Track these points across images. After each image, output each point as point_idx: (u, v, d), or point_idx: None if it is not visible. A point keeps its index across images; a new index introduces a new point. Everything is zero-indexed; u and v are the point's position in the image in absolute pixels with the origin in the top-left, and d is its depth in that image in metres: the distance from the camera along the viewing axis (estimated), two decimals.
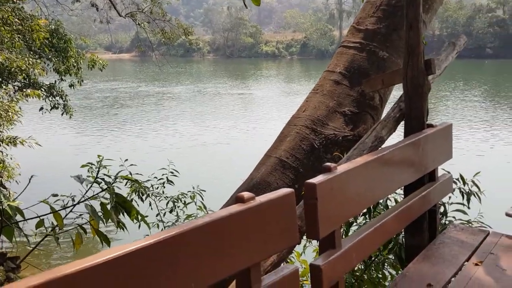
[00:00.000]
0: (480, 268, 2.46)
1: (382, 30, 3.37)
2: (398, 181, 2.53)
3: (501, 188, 8.20)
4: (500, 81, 31.63)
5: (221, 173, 11.71)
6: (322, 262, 1.84)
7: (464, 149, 13.25)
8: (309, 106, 3.44)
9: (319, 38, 63.61)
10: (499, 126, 16.54)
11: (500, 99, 23.28)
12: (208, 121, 19.93)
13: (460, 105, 21.43)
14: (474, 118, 18.20)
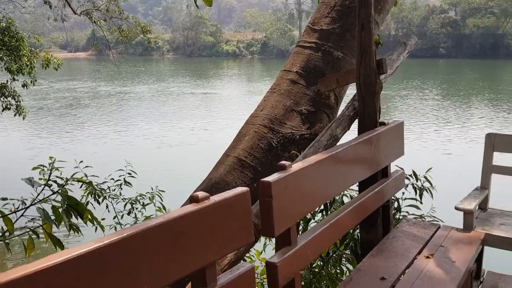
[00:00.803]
0: (431, 261, 2.56)
1: (337, 30, 3.44)
2: (352, 178, 2.59)
3: (454, 183, 8.53)
4: (456, 80, 32.85)
5: (184, 173, 11.62)
6: (278, 259, 1.86)
7: (423, 145, 13.70)
8: (266, 105, 3.46)
9: (279, 38, 64.10)
10: (458, 124, 17.19)
11: (460, 97, 24.15)
12: (172, 121, 19.70)
13: (422, 104, 22.10)
14: (434, 116, 18.83)
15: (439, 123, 17.22)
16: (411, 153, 12.34)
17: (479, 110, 20.10)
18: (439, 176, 9.12)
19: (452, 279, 2.34)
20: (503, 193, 8.06)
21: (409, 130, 15.52)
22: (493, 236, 2.95)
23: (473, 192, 3.28)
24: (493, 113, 19.26)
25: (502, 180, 3.83)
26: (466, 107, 20.88)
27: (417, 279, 2.34)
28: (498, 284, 3.32)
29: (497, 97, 23.59)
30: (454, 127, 16.32)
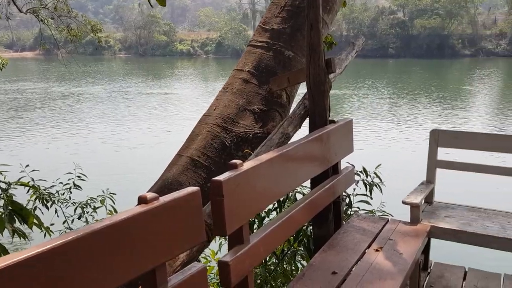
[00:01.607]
0: (380, 254, 2.64)
1: (287, 30, 3.48)
2: (303, 175, 2.63)
3: (404, 178, 8.83)
4: (406, 78, 33.98)
5: (142, 175, 11.38)
6: (230, 258, 1.86)
7: (376, 142, 14.09)
8: (219, 105, 3.46)
9: (234, 37, 64.10)
10: (408, 121, 17.78)
11: (410, 95, 24.94)
12: (130, 123, 19.23)
13: (375, 102, 22.70)
14: (386, 113, 19.40)
15: (391, 121, 17.77)
16: (364, 150, 12.69)
17: (429, 107, 20.90)
18: (390, 171, 9.41)
19: (400, 271, 2.43)
20: (448, 186, 8.43)
21: (363, 128, 15.95)
22: (438, 228, 3.08)
23: (419, 187, 3.41)
24: (441, 109, 20.08)
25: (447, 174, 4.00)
26: (416, 105, 21.65)
27: (367, 272, 2.41)
28: (444, 274, 3.47)
29: (445, 95, 24.61)
30: (405, 124, 16.88)
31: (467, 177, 6.99)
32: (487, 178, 6.87)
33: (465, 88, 27.40)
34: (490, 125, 16.48)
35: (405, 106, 21.19)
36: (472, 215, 3.26)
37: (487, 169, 3.42)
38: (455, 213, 3.32)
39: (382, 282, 2.31)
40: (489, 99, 23.70)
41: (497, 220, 3.18)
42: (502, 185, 8.54)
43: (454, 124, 16.78)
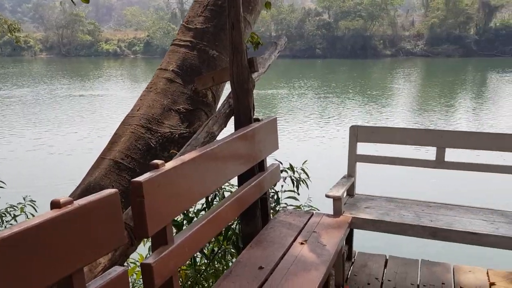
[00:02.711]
0: (305, 246, 2.72)
1: (211, 29, 3.49)
2: (229, 173, 2.65)
3: (331, 173, 9.15)
4: (333, 78, 35.14)
5: (72, 181, 10.81)
6: (153, 260, 1.84)
7: (305, 139, 14.45)
8: (143, 105, 3.39)
9: (163, 37, 62.90)
10: (336, 118, 18.42)
11: (348, 94, 25.76)
12: (61, 126, 18.18)
13: (304, 100, 23.24)
14: (314, 111, 19.95)
15: (320, 118, 18.33)
16: (296, 147, 13.00)
17: (362, 105, 21.78)
18: (320, 167, 9.70)
19: (323, 261, 2.52)
20: (368, 179, 8.86)
21: (298, 125, 16.31)
22: (359, 219, 3.24)
23: (341, 180, 3.56)
24: (372, 107, 21.00)
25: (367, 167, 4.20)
26: (349, 102, 22.47)
27: (292, 264, 2.48)
28: (367, 263, 3.65)
29: (376, 93, 25.76)
30: (337, 121, 17.48)
31: (389, 170, 7.40)
32: (406, 170, 7.30)
33: (393, 86, 28.87)
34: (412, 120, 17.49)
35: (338, 104, 21.92)
36: (390, 206, 3.46)
37: (403, 162, 3.64)
38: (375, 204, 3.50)
39: (307, 273, 2.39)
40: (412, 96, 25.16)
41: (412, 209, 3.39)
42: (417, 175, 9.12)
43: (382, 119, 17.62)
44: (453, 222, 3.13)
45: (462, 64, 43.32)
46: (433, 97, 24.10)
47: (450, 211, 3.34)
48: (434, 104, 21.83)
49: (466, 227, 3.05)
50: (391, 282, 3.34)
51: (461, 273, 3.46)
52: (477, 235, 2.96)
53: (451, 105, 21.36)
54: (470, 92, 25.64)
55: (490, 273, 3.47)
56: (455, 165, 3.47)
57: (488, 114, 18.39)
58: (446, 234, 3.03)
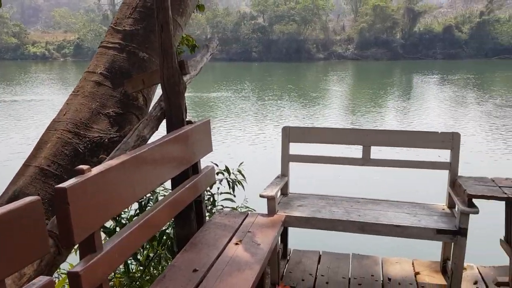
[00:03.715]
0: (239, 246, 2.75)
1: (140, 31, 3.43)
2: (162, 176, 2.62)
3: (269, 173, 9.29)
4: (270, 80, 35.59)
5: None
6: (80, 268, 1.78)
7: (246, 141, 14.53)
8: (70, 109, 3.26)
9: (94, 39, 60.61)
10: (274, 120, 18.66)
11: (290, 97, 26.08)
12: None
13: (244, 103, 23.33)
14: (254, 113, 20.08)
15: (260, 120, 18.50)
16: (233, 149, 13.03)
17: (298, 106, 22.22)
18: (256, 168, 9.78)
19: (257, 260, 2.56)
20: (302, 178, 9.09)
21: (233, 128, 16.35)
22: (292, 217, 3.32)
23: (275, 180, 3.63)
24: (308, 108, 21.48)
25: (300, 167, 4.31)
26: (284, 104, 22.83)
27: (227, 265, 2.50)
28: (301, 259, 3.74)
29: (316, 95, 26.38)
30: (272, 123, 17.71)
31: (327, 168, 7.61)
32: (337, 168, 7.54)
33: (331, 89, 29.72)
34: (348, 120, 18.11)
35: (280, 106, 22.21)
36: (321, 203, 3.57)
37: (333, 160, 3.77)
38: (307, 202, 3.60)
39: (241, 273, 2.41)
40: (347, 97, 26.04)
41: (342, 205, 3.53)
42: (347, 173, 9.48)
43: (321, 120, 18.08)
44: (379, 216, 3.29)
45: (390, 67, 45.54)
46: (366, 98, 25.14)
47: (377, 206, 3.51)
48: (367, 104, 22.78)
49: (391, 220, 3.21)
50: (324, 277, 3.46)
51: (389, 265, 3.65)
52: (401, 227, 3.13)
53: (382, 105, 22.39)
54: (398, 93, 27.00)
55: (415, 263, 3.68)
56: (379, 162, 3.66)
57: (415, 113, 19.45)
58: (373, 227, 3.18)
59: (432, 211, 3.41)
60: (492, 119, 17.42)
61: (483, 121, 17.20)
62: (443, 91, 26.78)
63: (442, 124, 16.42)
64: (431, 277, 3.44)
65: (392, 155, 3.92)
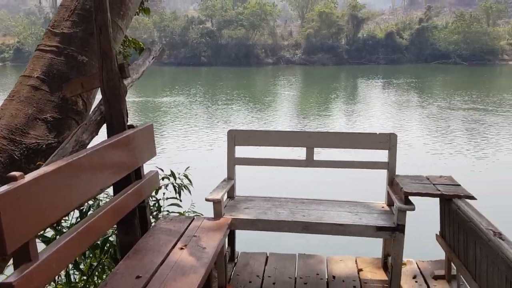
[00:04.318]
0: (184, 251, 2.73)
1: (79, 34, 3.33)
2: (102, 182, 2.56)
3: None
4: (221, 84, 35.53)
5: None
6: (14, 279, 1.71)
7: (199, 145, 14.40)
8: (4, 115, 3.12)
9: (36, 43, 58.09)
10: (223, 124, 18.63)
11: (244, 101, 26.08)
12: None
13: (192, 108, 23.11)
14: (203, 117, 19.97)
15: (211, 124, 18.42)
16: (182, 154, 12.90)
17: (245, 109, 22.31)
18: (205, 171, 9.72)
19: (202, 264, 2.55)
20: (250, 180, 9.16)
21: (184, 132, 16.18)
22: (238, 219, 3.33)
23: (221, 184, 3.64)
24: (261, 112, 21.61)
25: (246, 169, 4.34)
26: (237, 108, 22.87)
27: (171, 270, 2.47)
28: (249, 262, 3.77)
29: (259, 98, 26.60)
30: (222, 127, 17.69)
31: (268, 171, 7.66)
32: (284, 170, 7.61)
33: (283, 93, 30.06)
34: (299, 124, 18.40)
35: (235, 110, 22.20)
36: (267, 205, 3.62)
37: (278, 162, 3.83)
38: (253, 204, 3.63)
39: (186, 277, 2.40)
40: (297, 101, 26.45)
41: (287, 206, 3.58)
42: (293, 175, 9.64)
43: (273, 123, 18.25)
44: (323, 215, 3.37)
45: (336, 72, 46.78)
46: (316, 102, 25.68)
47: (321, 205, 3.59)
48: (318, 108, 23.27)
49: (334, 219, 3.30)
50: (271, 278, 3.50)
51: (333, 263, 3.74)
52: (343, 226, 3.23)
53: (331, 108, 22.95)
54: (346, 97, 27.78)
55: (359, 260, 3.80)
56: (322, 163, 3.75)
57: (362, 116, 20.07)
58: (316, 227, 3.25)
59: (372, 209, 3.53)
60: (434, 121, 18.30)
61: (426, 122, 18.03)
62: (389, 94, 27.84)
63: (391, 126, 17.04)
64: (373, 273, 3.56)
65: (339, 156, 4.02)
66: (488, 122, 17.89)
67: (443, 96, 26.16)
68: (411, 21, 64.25)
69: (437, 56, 55.56)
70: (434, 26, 59.09)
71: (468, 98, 24.76)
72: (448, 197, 3.09)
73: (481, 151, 13.29)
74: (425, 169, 9.69)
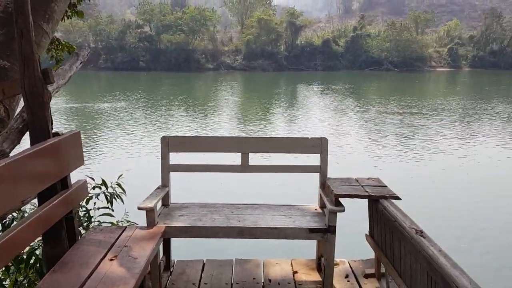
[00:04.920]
0: (114, 262, 2.65)
1: (1, 38, 3.16)
2: (25, 193, 2.43)
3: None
4: (170, 90, 34.91)
5: None
6: None
7: (131, 153, 14.02)
8: None
9: None
10: (151, 130, 18.28)
11: (188, 106, 25.69)
12: None
13: (128, 114, 22.52)
14: (132, 124, 19.51)
15: (150, 130, 18.03)
16: (120, 161, 12.53)
17: (186, 115, 22.05)
18: (141, 179, 9.50)
19: (133, 275, 2.48)
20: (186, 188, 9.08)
21: (127, 139, 15.71)
22: (172, 227, 3.28)
23: (155, 191, 3.57)
24: (208, 117, 21.43)
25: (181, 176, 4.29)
26: (179, 114, 22.54)
27: (100, 283, 2.39)
28: (185, 270, 3.72)
29: (210, 104, 26.39)
30: (162, 133, 17.39)
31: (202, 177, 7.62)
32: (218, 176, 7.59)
33: (229, 98, 30.00)
34: (245, 128, 18.44)
35: (177, 116, 21.82)
36: (203, 211, 3.59)
37: (213, 168, 3.82)
38: (189, 211, 3.59)
39: None
40: (241, 107, 26.50)
41: (223, 212, 3.58)
42: (230, 181, 9.68)
43: (217, 129, 18.15)
44: (257, 220, 3.40)
45: (276, 78, 47.53)
46: (257, 107, 25.89)
47: (256, 210, 3.62)
48: (259, 113, 23.48)
49: (268, 223, 3.34)
50: (207, 285, 3.48)
51: (269, 267, 3.78)
52: (278, 229, 3.27)
53: (272, 113, 23.24)
54: (287, 102, 28.26)
55: (294, 263, 3.87)
56: (257, 168, 3.79)
57: (302, 120, 20.49)
58: (251, 231, 3.27)
59: (305, 212, 3.61)
60: (371, 125, 19.03)
61: (364, 126, 18.72)
62: (328, 100, 28.64)
63: (330, 131, 17.52)
64: (307, 275, 3.63)
65: (277, 160, 4.07)
66: (421, 125, 18.87)
67: (379, 101, 27.31)
68: (346, 29, 66.76)
69: (370, 63, 58.04)
70: (368, 34, 61.72)
71: (404, 103, 26.03)
72: (375, 198, 3.23)
73: (413, 153, 13.99)
74: (360, 172, 10.06)
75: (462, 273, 2.07)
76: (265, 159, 9.55)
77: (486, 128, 18.01)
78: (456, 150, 14.25)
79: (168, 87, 37.63)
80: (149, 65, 56.38)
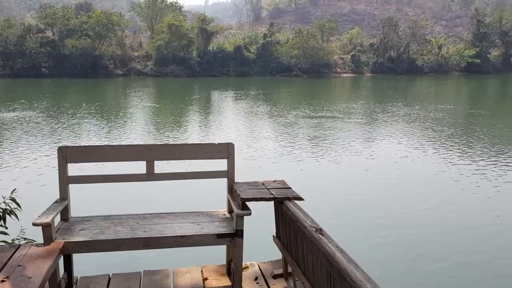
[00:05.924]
0: (6, 283, 2.45)
1: None
2: None
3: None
4: (83, 98, 32.96)
5: None
6: None
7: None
8: None
9: None
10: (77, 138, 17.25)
11: (104, 114, 24.27)
12: None
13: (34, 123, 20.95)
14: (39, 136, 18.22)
15: (55, 141, 16.93)
16: (20, 176, 11.60)
17: (98, 123, 20.99)
18: (40, 194, 8.90)
19: None
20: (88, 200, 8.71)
21: (20, 153, 14.57)
22: (72, 243, 3.11)
23: (52, 205, 3.36)
24: (112, 125, 20.51)
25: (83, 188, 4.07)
26: (86, 122, 21.37)
27: None
28: (89, 285, 3.55)
29: (113, 110, 25.28)
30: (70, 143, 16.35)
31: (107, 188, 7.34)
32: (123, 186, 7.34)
33: (145, 105, 28.96)
34: (160, 136, 17.96)
35: (88, 125, 20.62)
36: (106, 224, 3.45)
37: (116, 178, 3.67)
38: (90, 224, 3.43)
39: None
40: (154, 113, 25.77)
41: (128, 223, 3.47)
42: (136, 190, 9.40)
43: (132, 136, 17.46)
44: (164, 229, 3.34)
45: (189, 84, 47.14)
46: (170, 113, 25.42)
47: (163, 219, 3.55)
48: (175, 119, 23.06)
49: (176, 231, 3.29)
50: None
51: (179, 276, 3.73)
52: (185, 237, 3.24)
53: (185, 120, 22.94)
54: (203, 108, 28.08)
55: (204, 270, 3.86)
56: (163, 176, 3.72)
57: (218, 126, 20.48)
58: (158, 241, 3.20)
59: (214, 218, 3.61)
60: (285, 129, 19.52)
61: (280, 130, 19.15)
62: (242, 105, 28.91)
63: (244, 136, 17.67)
64: (217, 281, 3.63)
65: (184, 167, 4.01)
66: (334, 127, 19.75)
67: (294, 106, 28.15)
68: (257, 36, 68.18)
69: (281, 69, 59.84)
70: (277, 41, 63.53)
71: (318, 107, 27.05)
72: (280, 200, 3.32)
73: (324, 154, 14.58)
74: (274, 174, 10.28)
75: (356, 267, 2.20)
76: (172, 167, 9.42)
77: (392, 130, 19.31)
78: (364, 150, 15.10)
79: (75, 94, 35.75)
80: (53, 72, 53.19)
